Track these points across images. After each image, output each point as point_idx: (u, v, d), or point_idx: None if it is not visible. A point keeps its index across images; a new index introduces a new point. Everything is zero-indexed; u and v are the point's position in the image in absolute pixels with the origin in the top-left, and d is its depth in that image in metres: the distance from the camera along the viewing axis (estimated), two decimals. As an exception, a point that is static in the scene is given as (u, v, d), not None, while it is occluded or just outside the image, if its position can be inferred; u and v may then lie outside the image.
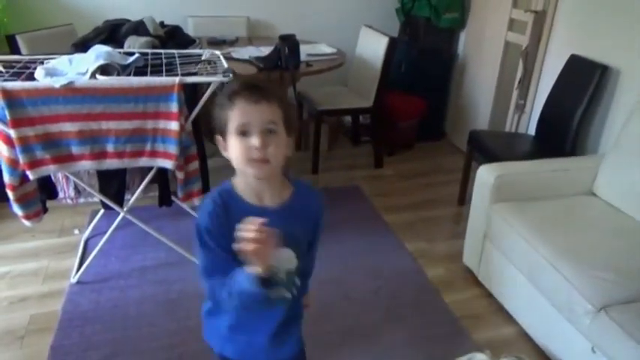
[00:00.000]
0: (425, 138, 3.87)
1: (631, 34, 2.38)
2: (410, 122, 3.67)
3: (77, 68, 1.92)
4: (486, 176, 2.19)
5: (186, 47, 2.58)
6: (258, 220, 0.91)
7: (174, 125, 1.92)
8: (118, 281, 2.20)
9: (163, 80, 1.91)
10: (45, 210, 2.09)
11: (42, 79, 1.81)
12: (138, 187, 2.19)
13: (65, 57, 1.99)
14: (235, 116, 0.98)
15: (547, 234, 1.94)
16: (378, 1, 3.99)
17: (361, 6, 3.96)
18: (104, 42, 2.40)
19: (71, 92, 1.79)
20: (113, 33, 2.57)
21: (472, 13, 3.68)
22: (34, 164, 1.83)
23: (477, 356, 1.80)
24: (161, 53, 2.27)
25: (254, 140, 0.97)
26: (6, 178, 1.87)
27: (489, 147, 2.76)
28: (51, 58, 2.03)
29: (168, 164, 1.97)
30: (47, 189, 2.21)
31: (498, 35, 3.31)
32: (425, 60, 3.74)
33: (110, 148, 1.90)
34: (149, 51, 2.28)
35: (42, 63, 1.98)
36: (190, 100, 2.08)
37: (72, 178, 2.18)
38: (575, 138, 2.56)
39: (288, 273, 1.07)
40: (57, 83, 1.76)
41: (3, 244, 2.47)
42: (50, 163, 1.85)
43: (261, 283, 0.95)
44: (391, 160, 3.60)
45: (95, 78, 1.86)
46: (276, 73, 2.61)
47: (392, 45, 3.15)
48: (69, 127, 1.84)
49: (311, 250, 1.19)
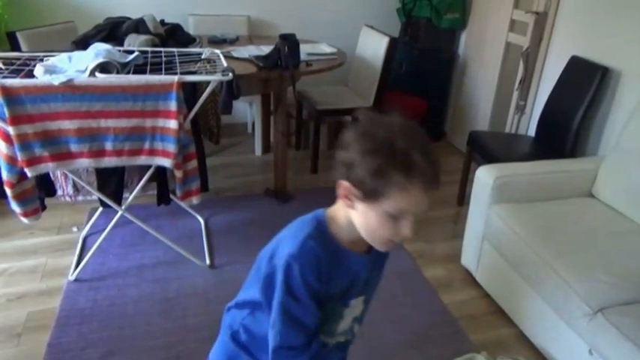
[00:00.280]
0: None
1: (632, 36, 2.37)
2: (410, 122, 3.66)
3: (76, 66, 1.91)
4: (486, 177, 2.19)
5: (186, 46, 2.58)
6: None
7: (172, 124, 1.92)
8: (116, 279, 2.20)
9: (162, 79, 1.91)
10: (43, 207, 2.09)
11: (41, 77, 1.80)
12: (136, 186, 2.18)
13: (64, 54, 1.99)
14: (402, 200, 0.81)
15: (545, 236, 1.94)
16: (379, 1, 3.99)
17: (362, 6, 3.96)
18: (104, 40, 2.39)
19: (70, 90, 1.79)
20: (114, 31, 2.57)
21: (473, 14, 3.68)
22: (33, 161, 1.83)
23: (475, 357, 1.80)
24: (161, 52, 2.27)
25: (406, 230, 0.85)
26: (4, 176, 1.87)
27: (489, 148, 2.75)
28: (50, 56, 2.03)
29: (166, 163, 1.97)
30: (45, 186, 2.21)
31: (499, 36, 3.31)
32: (425, 60, 3.74)
33: (109, 146, 1.90)
34: (149, 49, 2.27)
35: (41, 60, 1.98)
36: (189, 99, 2.09)
37: (70, 176, 2.18)
38: (575, 139, 2.56)
39: (353, 319, 1.06)
40: (56, 81, 1.76)
41: (1, 242, 2.46)
42: (49, 161, 1.85)
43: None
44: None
45: (94, 76, 1.86)
46: (275, 73, 2.60)
47: (392, 45, 3.14)
48: (68, 125, 1.83)
49: None
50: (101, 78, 1.86)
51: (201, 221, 2.64)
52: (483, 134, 3.07)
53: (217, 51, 2.35)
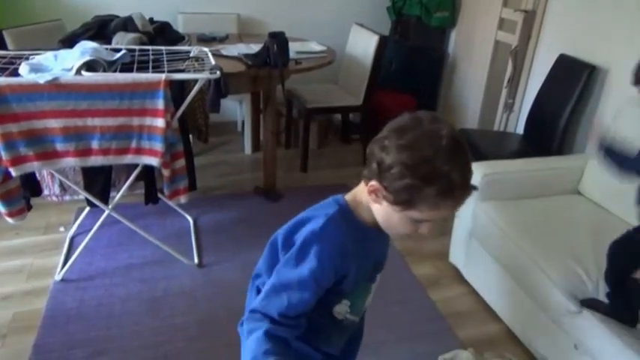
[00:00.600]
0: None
1: (619, 35, 2.39)
2: (400, 121, 3.67)
3: (62, 64, 1.90)
4: (474, 174, 2.19)
5: (175, 44, 2.57)
6: None
7: (160, 122, 1.91)
8: (103, 279, 2.19)
9: (149, 77, 1.90)
10: (29, 208, 2.07)
11: (26, 75, 1.79)
12: (124, 185, 2.17)
13: (50, 53, 1.97)
14: (430, 213, 0.84)
15: (532, 233, 1.95)
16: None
17: (352, 4, 3.96)
18: (92, 38, 2.38)
19: (56, 88, 1.77)
20: (101, 29, 2.56)
21: (462, 13, 3.69)
22: (18, 161, 1.81)
23: (462, 354, 1.81)
24: (149, 50, 2.25)
25: (425, 229, 0.89)
26: (-12, 175, 1.85)
27: (477, 145, 2.76)
28: (37, 54, 2.01)
29: (153, 162, 1.96)
30: (31, 186, 2.19)
31: (488, 34, 3.32)
32: (415, 58, 3.75)
33: (95, 145, 1.89)
34: (136, 47, 2.26)
35: (27, 59, 1.96)
36: (177, 97, 2.08)
37: (57, 176, 2.16)
38: (562, 137, 2.57)
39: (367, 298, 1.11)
40: (41, 79, 1.74)
41: (-13, 242, 2.45)
42: (34, 160, 1.83)
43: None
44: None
45: (81, 74, 1.85)
46: (264, 71, 2.60)
47: (382, 43, 3.15)
48: (53, 124, 1.82)
49: None
50: (87, 76, 1.84)
51: (189, 220, 2.63)
52: (472, 132, 3.09)
53: (206, 49, 2.34)
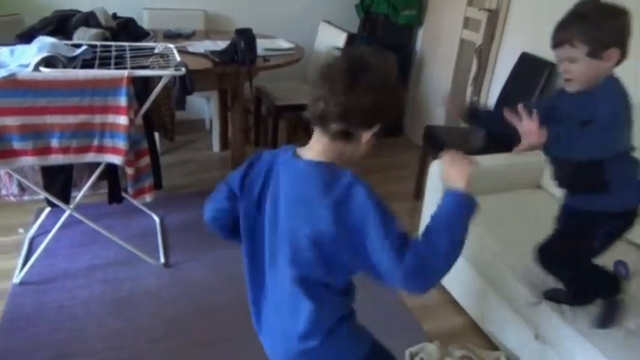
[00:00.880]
0: (383, 134, 3.89)
1: (576, 34, 2.46)
2: (369, 118, 3.70)
3: (19, 60, 1.84)
4: (439, 171, 2.23)
5: (139, 40, 2.51)
6: None
7: (123, 120, 1.87)
8: (65, 281, 2.13)
9: (112, 73, 1.86)
10: (-14, 208, 2.01)
11: (-20, 71, 1.73)
12: (85, 184, 2.12)
13: (6, 48, 1.91)
14: None
15: (495, 227, 2.00)
16: (338, -3, 4.00)
17: (320, 1, 3.95)
18: (52, 33, 2.31)
19: (12, 85, 1.72)
20: (62, 24, 2.48)
21: (429, 11, 3.74)
22: (-28, 160, 1.75)
23: (428, 347, 1.84)
24: (111, 46, 2.21)
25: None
26: (-59, 175, 1.78)
27: (443, 142, 2.81)
28: (-9, 49, 1.94)
29: (116, 160, 1.92)
30: (-12, 186, 2.12)
31: (454, 33, 3.37)
32: (384, 56, 3.77)
33: (55, 143, 1.84)
34: (98, 43, 2.21)
35: (-19, 54, 1.89)
36: (141, 94, 2.04)
37: (15, 175, 2.10)
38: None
39: None
40: (-4, 75, 1.69)
41: (-58, 244, 2.35)
42: (-11, 159, 1.78)
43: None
44: (350, 156, 3.61)
45: (39, 70, 1.80)
46: (232, 68, 2.58)
47: (350, 41, 3.16)
48: (10, 122, 1.77)
49: None
50: (46, 72, 1.80)
51: (155, 219, 2.59)
52: (439, 129, 3.14)
53: (171, 45, 2.30)
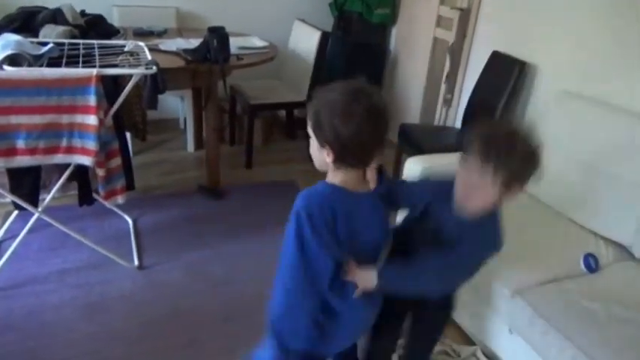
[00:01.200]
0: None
1: (546, 33, 2.52)
2: (344, 116, 3.70)
3: (-18, 58, 1.78)
4: (413, 168, 2.25)
5: (109, 38, 2.46)
6: None
7: (92, 120, 1.83)
8: (34, 286, 2.07)
9: (80, 72, 1.81)
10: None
11: (-61, 70, 1.66)
12: (54, 186, 2.06)
13: (-33, 46, 1.84)
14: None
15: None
16: (312, -5, 3.99)
17: (295, -1, 3.94)
18: (17, 31, 2.24)
19: (-26, 84, 1.66)
20: (28, 21, 2.40)
21: (402, 10, 3.76)
22: None
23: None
24: (79, 43, 2.15)
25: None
26: None
27: (418, 140, 2.83)
28: (-49, 47, 1.87)
29: (86, 161, 1.87)
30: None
31: (427, 31, 3.40)
32: (358, 55, 3.78)
33: (21, 144, 1.78)
34: (65, 41, 2.15)
35: (-59, 52, 1.82)
36: (111, 94, 1.99)
37: (-21, 177, 2.03)
38: (497, 131, 2.68)
39: None
40: (-43, 74, 1.63)
41: None
42: (-49, 161, 1.71)
43: None
44: (326, 154, 3.61)
45: (2, 69, 1.74)
46: (204, 66, 2.54)
47: (324, 39, 3.16)
48: (-28, 122, 1.70)
49: None
50: (10, 71, 1.74)
51: (129, 221, 2.54)
52: (414, 127, 3.16)
53: (142, 43, 2.26)
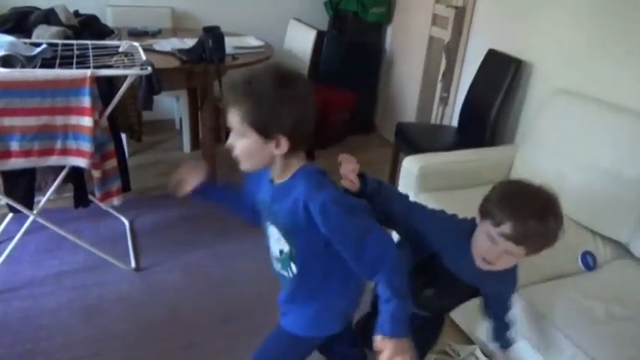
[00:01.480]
0: (355, 131, 3.91)
1: (541, 30, 2.52)
2: (340, 116, 3.70)
3: (-26, 60, 1.76)
4: (411, 167, 2.25)
5: (102, 38, 2.44)
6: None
7: (87, 121, 1.81)
8: (31, 289, 2.05)
9: (73, 73, 1.80)
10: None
11: None
12: (50, 188, 2.05)
13: (-41, 47, 1.82)
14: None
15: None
16: (307, -6, 3.98)
17: (290, -1, 3.93)
18: (9, 31, 2.22)
19: (-33, 86, 1.65)
20: (20, 22, 2.39)
21: (398, 8, 3.76)
22: None
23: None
24: (73, 44, 2.13)
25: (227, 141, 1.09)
26: None
27: (414, 139, 2.83)
28: (-57, 49, 1.85)
29: (81, 162, 1.86)
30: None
31: (422, 30, 3.40)
32: (354, 54, 3.78)
33: (15, 147, 1.77)
34: (59, 41, 2.13)
35: None
36: (105, 95, 1.98)
37: (-27, 180, 2.01)
38: (493, 129, 2.68)
39: (280, 251, 1.17)
40: (-51, 76, 1.61)
41: None
42: (-55, 164, 1.69)
43: None
44: (322, 154, 3.59)
45: (-5, 70, 1.72)
46: (200, 67, 2.53)
47: (320, 38, 3.15)
48: (-34, 125, 1.69)
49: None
50: (3, 73, 1.72)
51: (125, 223, 2.52)
52: (410, 125, 3.16)
53: (136, 44, 2.24)
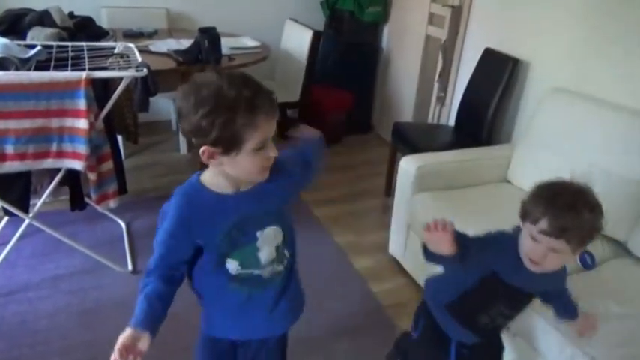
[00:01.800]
0: (353, 131, 3.91)
1: (538, 29, 2.51)
2: (337, 116, 3.69)
3: (-32, 62, 1.75)
4: (408, 167, 2.24)
5: (98, 40, 2.43)
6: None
7: (82, 123, 1.81)
8: (27, 293, 2.04)
9: (68, 75, 1.79)
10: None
11: None
12: (45, 191, 2.04)
13: (-47, 50, 1.81)
14: (258, 135, 0.96)
15: (465, 221, 2.00)
16: (303, -6, 3.97)
17: (286, -1, 3.92)
18: (4, 34, 2.21)
19: (-39, 89, 1.63)
20: (15, 24, 2.38)
21: (394, 8, 3.75)
22: None
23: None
24: (68, 46, 2.12)
25: (272, 152, 1.01)
26: None
27: (412, 138, 2.83)
28: (-63, 52, 1.83)
29: (77, 165, 1.85)
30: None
31: (419, 29, 3.39)
32: (350, 53, 3.77)
33: (10, 150, 1.76)
34: (54, 43, 2.12)
35: None
36: (101, 97, 1.97)
37: (-32, 184, 1.99)
38: (490, 128, 2.68)
39: (277, 247, 1.13)
40: (-58, 79, 1.60)
41: None
42: (-61, 168, 1.68)
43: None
44: (320, 154, 3.60)
45: (-11, 73, 1.71)
46: (196, 67, 2.52)
47: (316, 38, 3.15)
48: (-40, 128, 1.67)
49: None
50: (-3, 75, 1.71)
51: (122, 225, 2.51)
52: (407, 125, 3.16)
53: (132, 45, 2.24)
